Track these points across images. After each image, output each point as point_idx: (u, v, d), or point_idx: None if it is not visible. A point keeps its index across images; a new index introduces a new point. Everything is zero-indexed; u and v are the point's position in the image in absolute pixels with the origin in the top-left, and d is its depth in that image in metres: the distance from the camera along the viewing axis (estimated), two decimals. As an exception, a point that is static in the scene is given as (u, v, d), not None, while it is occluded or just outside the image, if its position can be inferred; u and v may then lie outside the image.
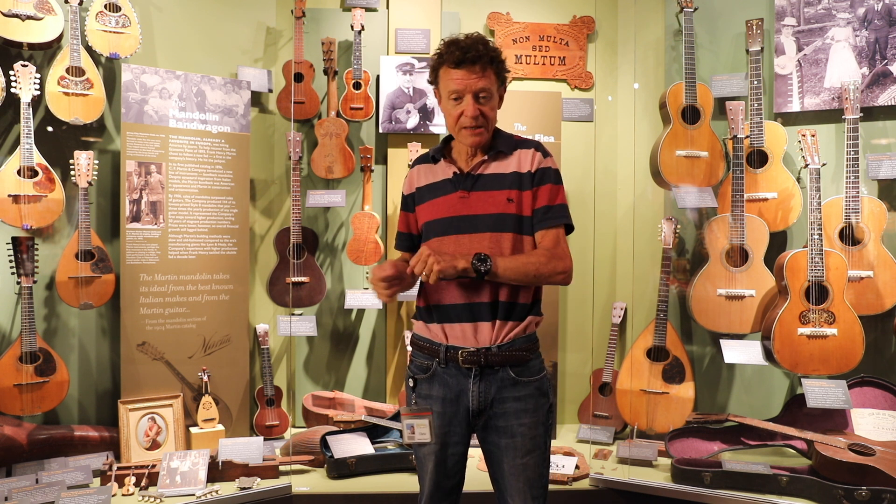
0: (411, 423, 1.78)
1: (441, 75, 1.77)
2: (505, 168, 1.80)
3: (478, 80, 1.72)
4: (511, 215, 1.77)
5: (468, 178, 1.81)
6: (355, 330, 3.75)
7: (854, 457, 2.72)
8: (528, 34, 3.77)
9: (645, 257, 3.51)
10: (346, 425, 3.30)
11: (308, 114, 3.57)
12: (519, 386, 1.78)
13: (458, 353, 1.77)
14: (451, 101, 1.76)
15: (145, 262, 3.17)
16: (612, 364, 3.54)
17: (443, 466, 1.84)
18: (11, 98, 2.89)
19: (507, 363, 1.77)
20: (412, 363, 1.89)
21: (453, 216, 1.80)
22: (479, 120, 1.74)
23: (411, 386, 1.86)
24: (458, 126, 1.77)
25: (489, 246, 1.76)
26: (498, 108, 1.82)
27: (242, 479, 2.87)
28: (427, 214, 1.86)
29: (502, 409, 1.78)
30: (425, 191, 1.88)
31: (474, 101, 1.73)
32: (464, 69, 1.72)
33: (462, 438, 1.83)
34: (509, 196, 1.78)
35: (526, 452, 1.77)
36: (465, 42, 1.73)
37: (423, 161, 1.92)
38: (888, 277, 2.95)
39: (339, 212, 3.72)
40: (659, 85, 3.57)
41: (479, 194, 1.79)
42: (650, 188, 3.52)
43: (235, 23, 3.60)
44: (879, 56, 3.11)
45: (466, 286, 1.77)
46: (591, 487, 2.96)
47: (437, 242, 1.81)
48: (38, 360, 2.93)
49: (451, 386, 1.80)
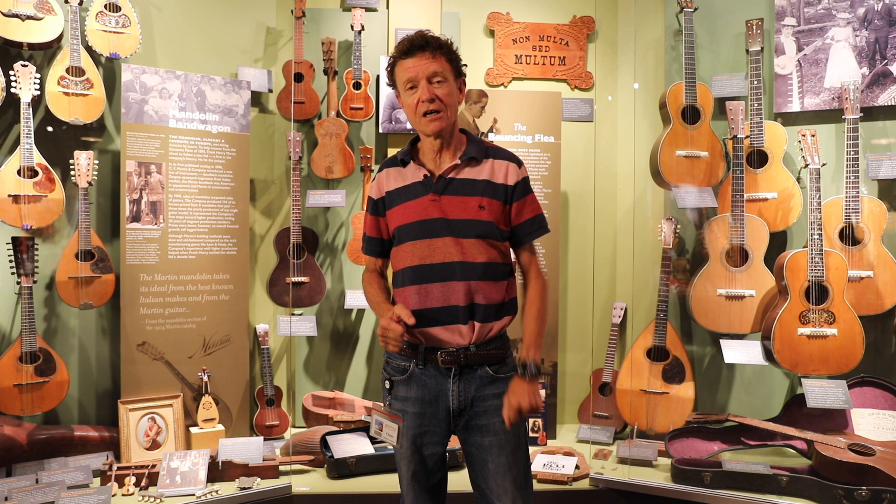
0: (381, 421, 1.82)
1: (396, 71, 1.80)
2: (477, 174, 1.81)
3: (429, 64, 1.74)
4: (482, 222, 1.78)
5: (439, 181, 1.81)
6: (355, 330, 3.76)
7: (854, 457, 2.72)
8: (528, 34, 3.77)
9: (645, 257, 3.51)
10: (346, 425, 3.30)
11: (308, 114, 3.58)
12: (498, 383, 1.80)
13: (436, 353, 1.78)
14: (408, 92, 1.78)
15: (145, 262, 3.17)
16: (612, 364, 3.54)
17: (422, 466, 1.85)
18: (11, 98, 2.89)
19: (485, 362, 1.79)
20: (388, 364, 1.89)
21: (425, 219, 1.80)
22: (436, 103, 1.75)
23: (387, 388, 1.87)
24: (416, 114, 1.78)
25: (460, 252, 1.77)
26: (460, 100, 1.83)
27: (242, 479, 2.87)
28: (398, 218, 1.85)
29: (483, 407, 1.79)
30: (395, 195, 1.86)
31: (428, 84, 1.74)
32: (414, 57, 1.75)
33: (441, 439, 1.84)
34: (481, 203, 1.78)
35: (511, 451, 1.78)
36: (412, 35, 1.78)
37: (390, 164, 1.91)
38: (888, 277, 2.95)
39: (339, 212, 3.72)
40: (659, 85, 3.57)
41: (450, 199, 1.79)
42: (650, 188, 3.52)
43: (235, 23, 3.60)
44: (879, 56, 3.11)
45: (442, 291, 1.78)
46: (591, 487, 2.96)
47: (410, 247, 1.81)
48: (38, 360, 2.93)
49: (429, 387, 1.80)
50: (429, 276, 1.79)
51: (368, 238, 1.96)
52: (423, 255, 1.79)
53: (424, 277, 1.79)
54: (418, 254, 1.80)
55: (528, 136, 3.54)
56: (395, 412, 1.82)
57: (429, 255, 1.79)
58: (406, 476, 1.87)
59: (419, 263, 1.80)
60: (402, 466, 1.88)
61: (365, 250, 1.98)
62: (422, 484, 1.87)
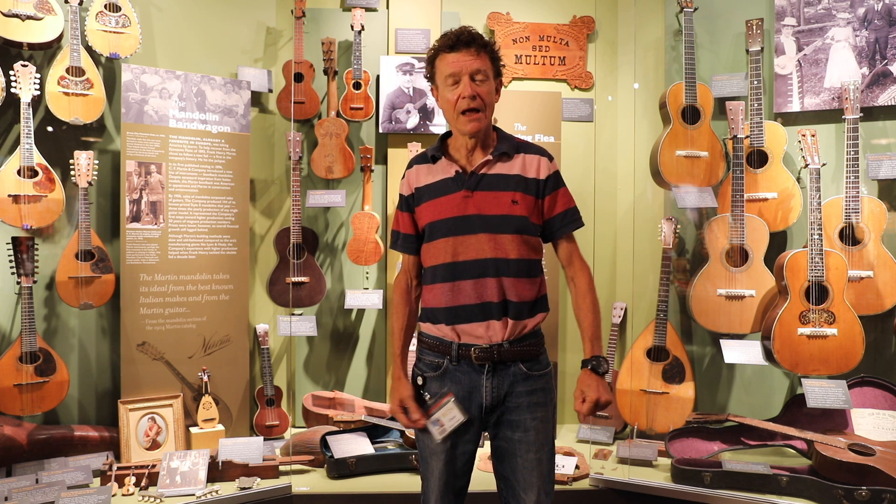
0: (437, 418, 1.77)
1: (437, 64, 1.78)
2: (509, 169, 1.80)
3: (473, 61, 1.73)
4: (516, 217, 1.77)
5: (472, 177, 1.79)
6: (355, 330, 3.75)
7: (854, 457, 2.72)
8: (528, 34, 3.77)
9: (645, 257, 3.51)
10: (346, 425, 3.30)
11: (308, 114, 3.58)
12: (531, 380, 1.79)
13: (470, 350, 1.77)
14: (448, 87, 1.76)
15: (145, 262, 3.17)
16: (612, 364, 3.54)
17: (451, 466, 1.82)
18: (11, 98, 2.89)
19: (519, 358, 1.79)
20: (420, 362, 1.88)
21: (458, 216, 1.79)
22: (477, 101, 1.73)
23: (420, 384, 1.84)
24: (456, 111, 1.75)
25: (493, 248, 1.76)
26: (496, 100, 1.81)
27: (242, 479, 2.87)
28: (429, 215, 1.83)
29: (515, 403, 1.78)
30: (425, 191, 1.85)
31: (470, 81, 1.73)
32: (458, 52, 1.73)
33: (473, 437, 1.82)
34: (514, 198, 1.77)
35: (540, 447, 1.79)
36: (457, 30, 1.76)
37: (420, 161, 1.89)
38: (888, 277, 2.95)
39: (339, 212, 3.72)
40: (659, 85, 3.57)
41: (483, 194, 1.78)
42: (650, 188, 3.52)
43: (235, 23, 3.60)
44: (879, 56, 3.11)
45: (475, 288, 1.77)
46: (591, 487, 2.96)
47: (443, 244, 1.79)
48: (38, 360, 2.93)
49: (463, 383, 1.79)
50: (461, 272, 1.78)
51: (402, 235, 1.93)
52: (456, 252, 1.78)
53: (457, 274, 1.78)
54: (451, 250, 1.78)
55: (528, 137, 3.54)
56: (438, 394, 1.79)
57: (462, 252, 1.78)
58: (434, 474, 1.84)
59: (452, 260, 1.79)
60: (431, 463, 1.84)
61: (399, 247, 1.95)
62: (449, 485, 1.84)
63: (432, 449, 1.83)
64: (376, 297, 3.56)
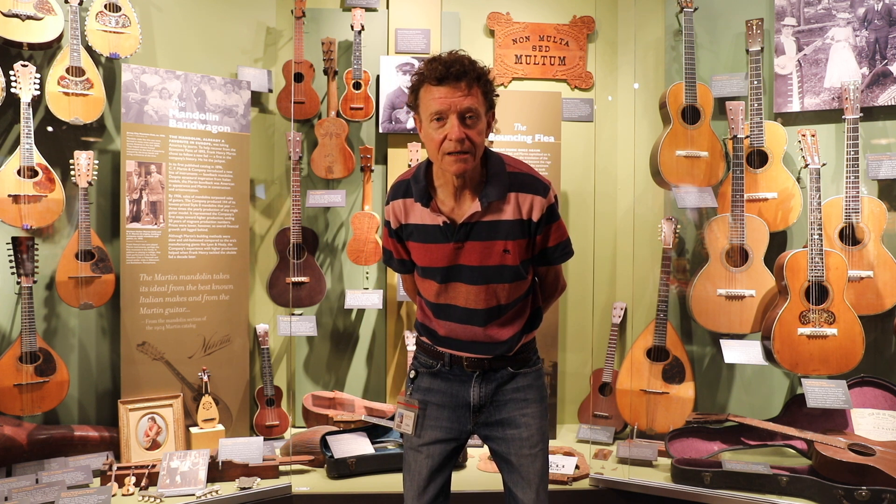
0: (402, 413, 1.85)
1: (422, 95, 1.60)
2: (500, 215, 1.67)
3: (463, 99, 1.55)
4: (508, 267, 1.71)
5: (461, 228, 1.69)
6: (355, 330, 3.75)
7: (854, 457, 2.72)
8: (528, 34, 3.77)
9: (645, 257, 3.51)
10: (346, 425, 3.30)
11: (308, 114, 3.58)
12: (517, 378, 1.81)
13: (462, 360, 1.80)
14: (434, 124, 1.58)
15: (145, 262, 3.17)
16: (612, 364, 3.54)
17: (430, 461, 1.82)
18: (11, 98, 2.89)
19: (508, 366, 1.82)
20: (416, 360, 1.91)
21: (450, 266, 1.73)
22: (465, 144, 1.56)
23: (412, 377, 1.88)
24: (440, 152, 1.59)
25: (485, 298, 1.74)
26: (486, 136, 1.65)
27: (242, 479, 2.87)
28: (420, 258, 1.78)
29: (504, 400, 1.80)
30: (413, 230, 1.76)
31: (459, 123, 1.56)
32: (447, 86, 1.55)
33: (458, 434, 1.83)
34: (505, 247, 1.69)
35: (533, 444, 1.79)
36: (448, 57, 1.57)
37: (403, 195, 1.76)
38: (888, 277, 2.95)
39: (339, 212, 3.72)
40: (659, 85, 3.57)
41: (473, 245, 1.69)
42: (650, 188, 3.52)
43: (235, 23, 3.60)
44: (879, 56, 3.11)
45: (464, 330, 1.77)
46: (591, 487, 2.96)
47: (435, 286, 1.77)
48: (38, 360, 2.93)
49: (451, 381, 1.83)
50: (452, 315, 1.78)
51: (395, 260, 1.90)
52: (448, 297, 1.77)
53: (449, 315, 1.79)
54: (443, 294, 1.77)
55: (528, 136, 3.54)
56: (412, 401, 1.84)
57: (453, 298, 1.76)
58: (414, 469, 1.84)
59: (443, 303, 1.78)
60: (413, 459, 1.84)
61: (393, 268, 1.94)
62: (429, 480, 1.83)
63: (414, 443, 1.85)
64: (376, 297, 3.56)
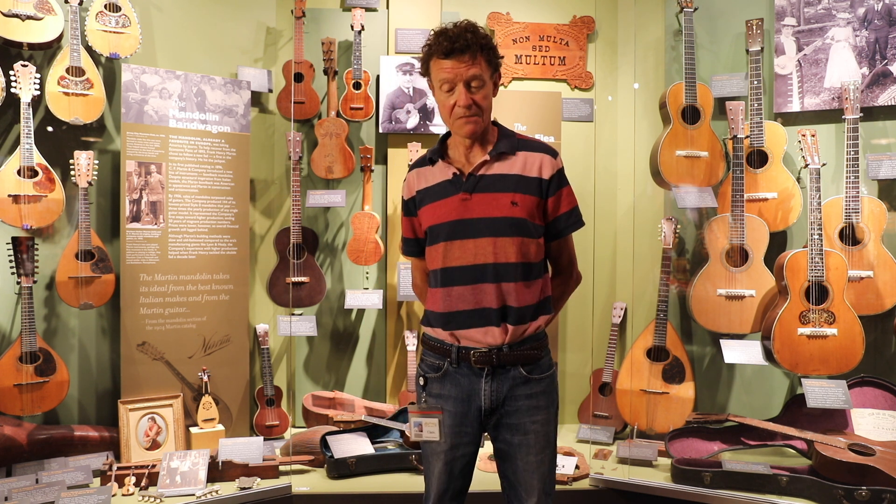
0: (419, 421, 1.78)
1: (432, 66, 1.76)
2: (508, 169, 1.77)
3: (468, 69, 1.70)
4: (515, 219, 1.75)
5: (469, 178, 1.77)
6: (355, 330, 3.75)
7: (854, 457, 2.72)
8: (528, 34, 3.77)
9: (645, 257, 3.51)
10: (346, 425, 3.30)
11: (308, 114, 3.58)
12: (531, 384, 1.78)
13: (469, 353, 1.77)
14: (443, 92, 1.74)
15: (145, 262, 3.17)
16: (612, 364, 3.54)
17: (450, 467, 1.82)
18: (11, 98, 2.89)
19: (519, 362, 1.77)
20: (423, 362, 1.88)
21: (456, 220, 1.77)
22: (473, 109, 1.72)
23: (422, 385, 1.85)
24: (452, 117, 1.75)
25: (494, 252, 1.74)
26: (493, 95, 1.79)
27: (242, 479, 2.87)
28: (429, 218, 1.82)
29: (514, 407, 1.78)
30: (425, 194, 1.84)
31: (466, 90, 1.71)
32: (453, 59, 1.70)
33: (473, 439, 1.82)
34: (513, 199, 1.74)
35: (540, 450, 1.79)
36: (453, 31, 1.72)
37: (420, 164, 1.89)
38: (888, 277, 2.95)
39: (339, 212, 3.72)
40: (659, 85, 3.57)
41: (481, 196, 1.76)
42: (650, 188, 3.52)
43: (235, 23, 3.60)
44: (879, 56, 3.11)
45: (473, 293, 1.76)
46: (591, 487, 2.96)
47: (443, 248, 1.78)
48: (38, 360, 2.93)
49: (462, 386, 1.79)
50: (460, 278, 1.77)
51: (406, 239, 1.95)
52: (456, 257, 1.77)
53: (456, 280, 1.77)
54: (450, 255, 1.77)
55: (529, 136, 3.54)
56: (433, 407, 1.80)
57: (461, 257, 1.76)
58: (434, 474, 1.84)
59: (451, 265, 1.78)
60: (432, 463, 1.84)
61: (404, 252, 1.98)
62: (448, 486, 1.84)
63: (433, 449, 1.83)
64: (376, 297, 3.56)
